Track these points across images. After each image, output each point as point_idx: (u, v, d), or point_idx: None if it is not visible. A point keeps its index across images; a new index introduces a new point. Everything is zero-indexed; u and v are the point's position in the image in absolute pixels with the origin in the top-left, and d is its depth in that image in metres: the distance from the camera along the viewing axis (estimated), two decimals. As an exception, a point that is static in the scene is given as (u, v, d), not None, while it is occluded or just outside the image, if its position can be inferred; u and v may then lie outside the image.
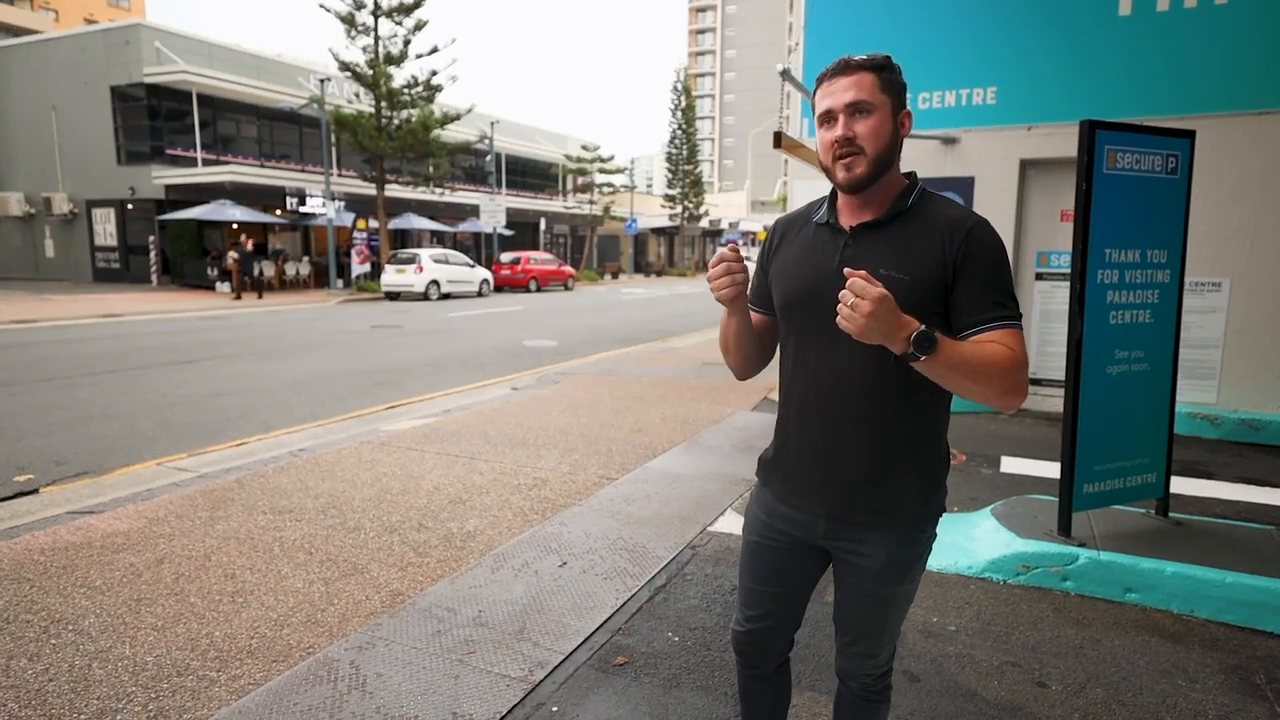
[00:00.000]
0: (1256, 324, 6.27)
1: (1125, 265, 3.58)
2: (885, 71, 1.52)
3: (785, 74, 5.01)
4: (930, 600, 3.30)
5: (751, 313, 1.78)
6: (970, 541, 3.78)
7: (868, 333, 1.35)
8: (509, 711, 2.42)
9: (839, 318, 1.37)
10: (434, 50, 24.54)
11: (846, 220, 1.61)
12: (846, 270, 1.38)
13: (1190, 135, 3.68)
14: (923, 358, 1.36)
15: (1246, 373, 6.33)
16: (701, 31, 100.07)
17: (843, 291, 1.36)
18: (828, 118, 1.53)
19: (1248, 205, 6.20)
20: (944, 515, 1.71)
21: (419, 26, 24.25)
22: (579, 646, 2.83)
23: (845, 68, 1.51)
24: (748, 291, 1.73)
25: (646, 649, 2.85)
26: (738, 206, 64.33)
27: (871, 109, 1.50)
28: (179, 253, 25.05)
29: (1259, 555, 3.40)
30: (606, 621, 3.03)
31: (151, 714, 2.36)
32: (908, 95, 1.58)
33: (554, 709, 2.45)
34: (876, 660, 1.73)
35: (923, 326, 1.36)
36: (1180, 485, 4.78)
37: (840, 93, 1.50)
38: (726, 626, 3.02)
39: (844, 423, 1.57)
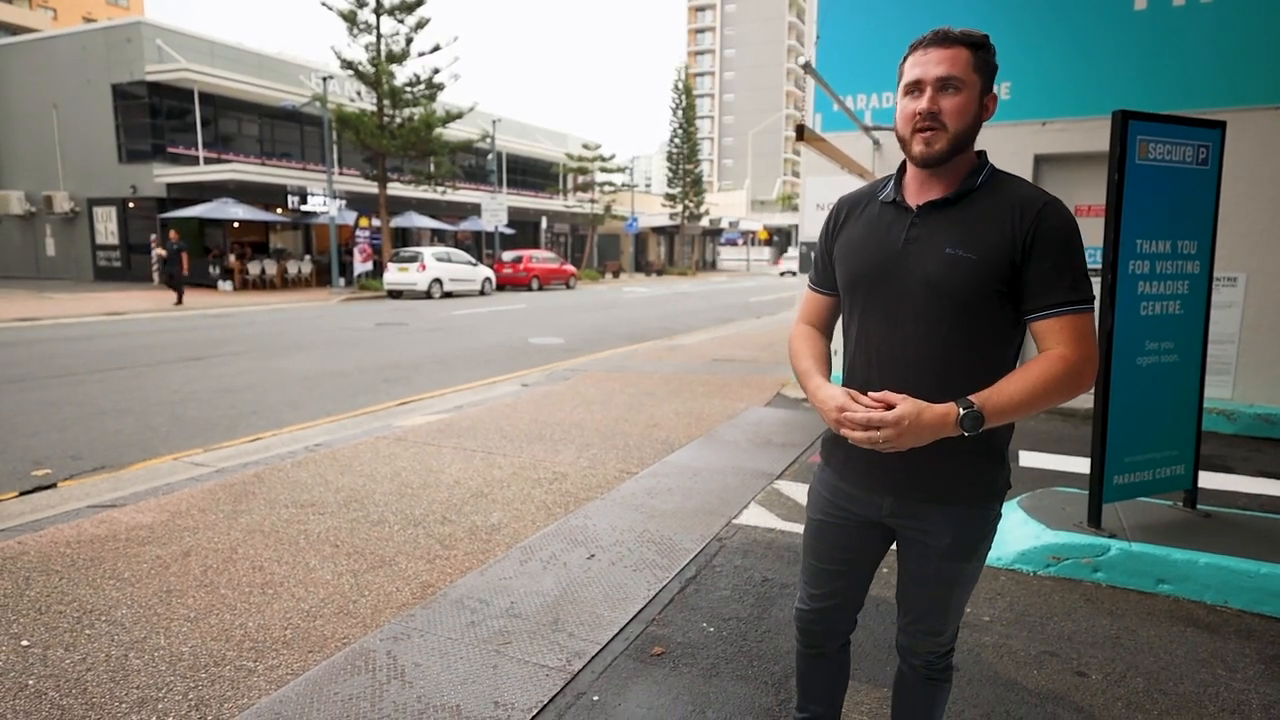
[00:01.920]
0: (1271, 319, 6.27)
1: (1156, 256, 3.56)
2: (981, 51, 1.50)
3: (806, 67, 5.00)
4: (962, 591, 3.28)
5: (814, 293, 1.77)
6: (998, 533, 3.74)
7: (911, 444, 1.43)
8: (550, 701, 2.40)
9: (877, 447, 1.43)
10: (436, 48, 24.51)
11: (913, 198, 1.59)
12: (845, 415, 1.45)
13: (1221, 126, 3.66)
14: (979, 431, 1.42)
15: (1262, 368, 6.33)
16: (701, 31, 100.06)
17: (852, 432, 1.44)
18: (915, 88, 1.51)
19: (1263, 200, 6.20)
20: None
21: (421, 25, 24.22)
22: (615, 637, 2.81)
23: (943, 40, 1.49)
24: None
25: (683, 639, 2.83)
26: (738, 206, 64.41)
27: (961, 86, 1.48)
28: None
29: (1290, 547, 3.38)
30: (640, 613, 3.01)
31: (193, 703, 2.33)
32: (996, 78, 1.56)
33: (595, 698, 2.43)
34: (941, 639, 1.71)
35: (963, 411, 1.41)
36: (1201, 479, 4.77)
37: (932, 65, 1.48)
38: (760, 617, 3.01)
39: None
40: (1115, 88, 6.50)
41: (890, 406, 1.43)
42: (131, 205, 25.78)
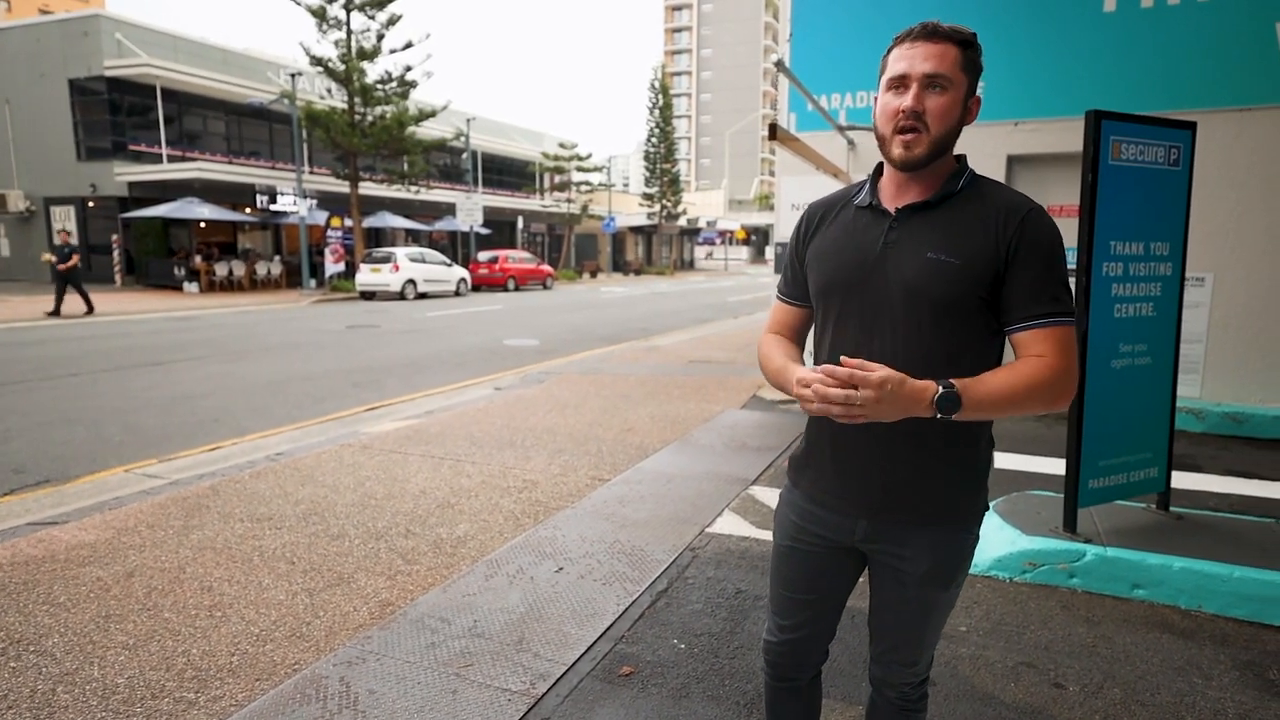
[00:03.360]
0: (1238, 318, 6.31)
1: (1129, 258, 3.52)
2: (970, 49, 1.42)
3: (779, 65, 4.92)
4: (938, 601, 3.22)
5: (783, 304, 1.67)
6: (973, 539, 3.70)
7: (883, 416, 1.29)
8: (511, 728, 2.29)
9: (838, 418, 1.30)
10: (408, 45, 24.21)
11: (890, 201, 1.50)
12: (825, 369, 1.30)
13: (1191, 127, 3.63)
14: (953, 416, 1.31)
15: (1229, 366, 6.37)
16: (678, 30, 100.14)
17: (827, 389, 1.28)
18: (900, 83, 1.41)
19: (1229, 201, 6.23)
20: None
21: (392, 21, 23.91)
22: (582, 656, 2.70)
23: (932, 34, 1.40)
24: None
25: (652, 658, 2.72)
26: (715, 205, 64.50)
27: (947, 86, 1.39)
28: (144, 252, 24.43)
29: (1262, 549, 3.36)
30: (609, 629, 2.90)
31: (126, 740, 2.19)
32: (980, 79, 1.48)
33: (559, 725, 2.32)
34: (916, 668, 1.62)
35: (942, 389, 1.30)
36: (1172, 480, 4.76)
37: (919, 60, 1.39)
38: (733, 632, 2.92)
39: None
40: (1086, 89, 6.51)
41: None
42: (91, 205, 25.17)
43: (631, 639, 2.85)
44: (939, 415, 1.30)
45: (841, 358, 1.31)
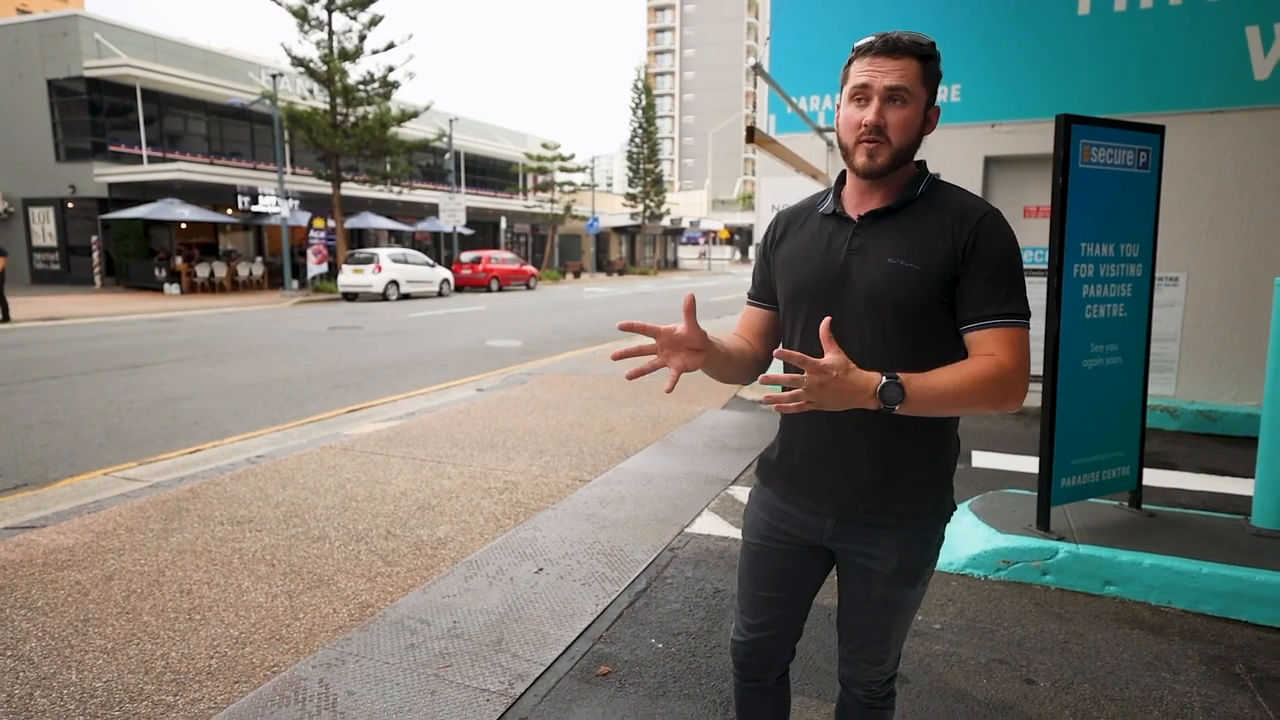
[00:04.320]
0: (1211, 317, 6.41)
1: (1100, 259, 3.59)
2: (931, 62, 1.44)
3: (757, 68, 4.96)
4: (913, 598, 3.26)
5: (753, 308, 1.70)
6: (950, 537, 3.74)
7: (827, 404, 1.30)
8: (490, 728, 2.31)
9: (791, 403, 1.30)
10: (390, 46, 24.11)
11: (854, 209, 1.53)
12: (777, 352, 1.32)
13: (1160, 130, 3.71)
14: (895, 409, 1.31)
15: (1202, 365, 6.47)
16: (660, 30, 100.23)
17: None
18: (861, 95, 1.44)
19: (1201, 202, 6.34)
20: None
21: (374, 21, 23.80)
22: (560, 656, 2.72)
23: (893, 48, 1.41)
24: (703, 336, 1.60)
25: (630, 657, 2.75)
26: (698, 205, 64.64)
27: (908, 99, 1.41)
28: (124, 253, 24.19)
29: (1232, 545, 3.43)
30: (587, 629, 2.92)
31: (103, 745, 2.19)
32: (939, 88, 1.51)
33: (537, 724, 2.35)
34: (883, 666, 1.66)
35: (884, 380, 1.30)
36: (1145, 477, 4.84)
37: (880, 75, 1.41)
38: (711, 631, 2.95)
39: (854, 419, 1.48)
40: (1061, 91, 6.60)
41: None
42: (70, 206, 24.90)
43: (610, 639, 2.88)
44: (883, 406, 1.31)
45: (777, 352, 1.33)
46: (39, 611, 2.98)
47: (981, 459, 5.38)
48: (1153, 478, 4.88)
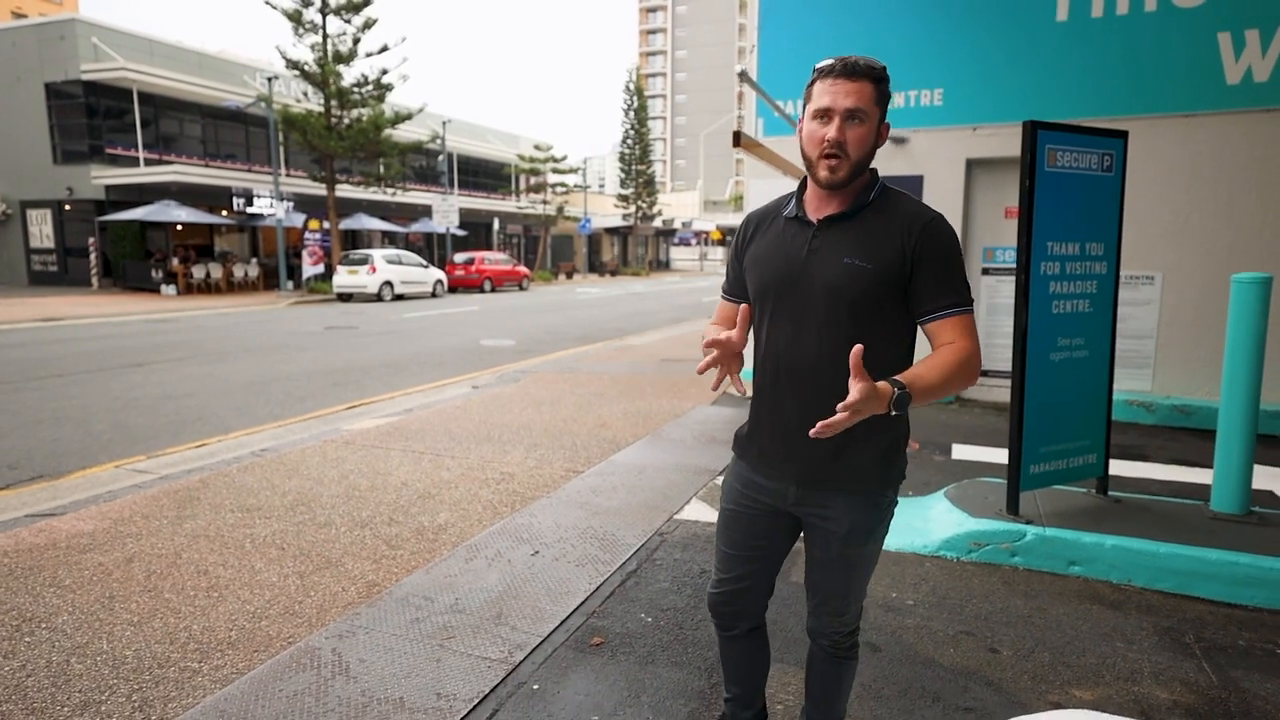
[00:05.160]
0: (1186, 315, 6.61)
1: (1066, 258, 3.79)
2: (883, 84, 1.64)
3: (743, 76, 5.16)
4: (889, 577, 3.46)
5: (725, 302, 1.92)
6: (926, 523, 3.96)
7: (861, 417, 1.48)
8: (491, 691, 2.50)
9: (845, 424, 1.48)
10: (384, 49, 24.27)
11: (814, 213, 1.74)
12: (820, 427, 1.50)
13: (1123, 135, 3.92)
14: (905, 411, 1.54)
15: (1178, 361, 6.67)
16: (652, 32, 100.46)
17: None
18: (824, 114, 1.63)
19: (1177, 203, 6.54)
20: (900, 500, 1.86)
21: (368, 25, 23.96)
22: (556, 629, 2.92)
23: (851, 71, 1.61)
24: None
25: (621, 630, 2.94)
26: (691, 206, 64.86)
27: (865, 119, 1.62)
28: (121, 255, 24.30)
29: (1190, 527, 3.63)
30: (581, 605, 3.12)
31: (136, 704, 2.38)
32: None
33: (535, 687, 2.54)
34: (844, 619, 1.86)
35: (897, 391, 1.50)
36: (1119, 468, 5.04)
37: (841, 96, 1.61)
38: (697, 607, 3.14)
39: (811, 399, 1.69)
40: (1041, 95, 6.80)
41: None
42: (68, 208, 25.00)
43: (602, 614, 3.07)
44: (894, 412, 1.50)
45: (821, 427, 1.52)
46: (67, 589, 3.16)
47: (961, 451, 5.58)
48: (1127, 469, 5.09)
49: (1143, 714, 2.46)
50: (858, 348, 1.47)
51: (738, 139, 5.17)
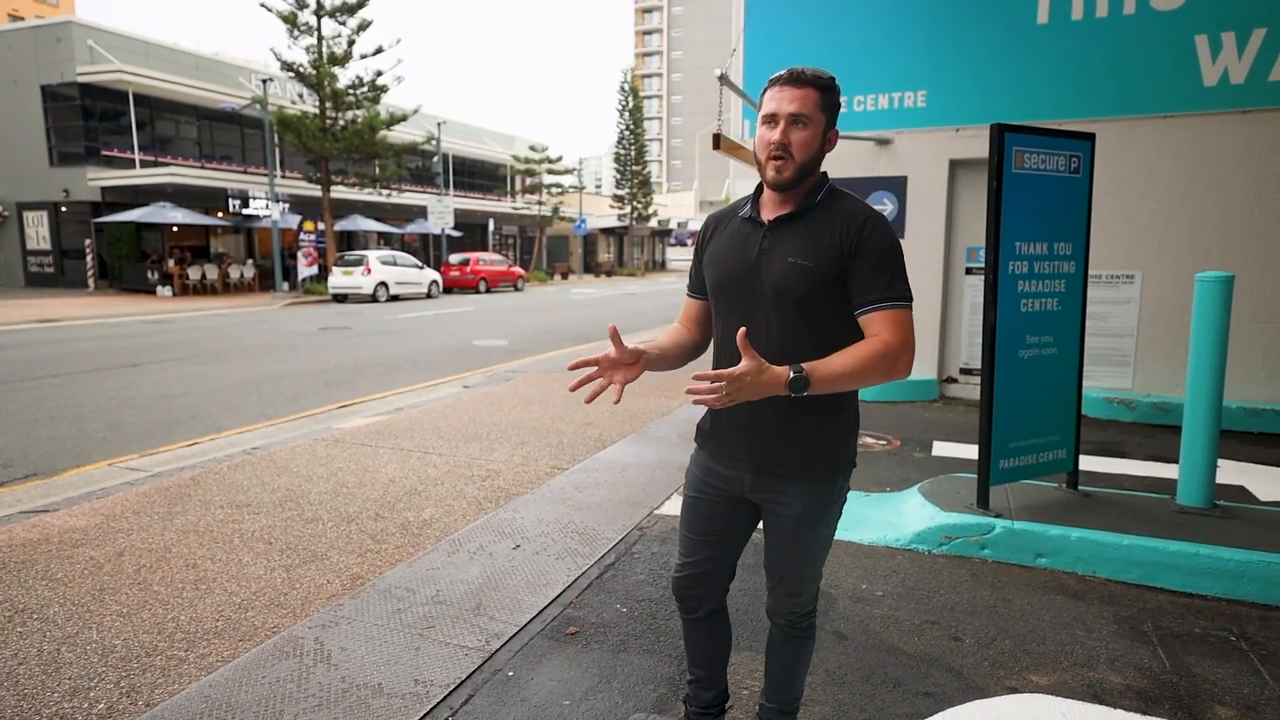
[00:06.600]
0: (1165, 314, 6.71)
1: (1034, 257, 3.89)
2: (828, 92, 1.74)
3: (724, 78, 5.25)
4: (860, 570, 3.56)
5: (690, 299, 2.02)
6: (899, 517, 4.05)
7: (749, 398, 1.61)
8: (468, 677, 2.59)
9: (715, 405, 1.59)
10: (379, 50, 24.35)
11: (767, 214, 1.84)
12: (697, 374, 1.60)
13: (1090, 138, 4.01)
14: (804, 394, 1.62)
15: (1157, 359, 6.77)
16: (648, 32, 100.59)
17: (697, 384, 1.59)
18: (771, 120, 1.74)
19: (1156, 203, 6.64)
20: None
21: (363, 26, 24.05)
22: (533, 619, 3.01)
23: (796, 80, 1.72)
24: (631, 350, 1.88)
25: (596, 619, 3.04)
26: (686, 206, 64.92)
27: (808, 123, 1.72)
28: (117, 256, 24.37)
29: (1155, 520, 3.73)
30: (559, 596, 3.21)
31: (124, 690, 2.47)
32: (839, 115, 1.81)
33: (510, 674, 2.63)
34: (800, 599, 1.96)
35: (792, 374, 1.60)
36: (1096, 464, 5.15)
37: (786, 102, 1.71)
38: (671, 598, 3.23)
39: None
40: (1021, 96, 6.90)
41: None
42: (64, 209, 25.06)
43: (579, 605, 3.16)
44: (792, 394, 1.62)
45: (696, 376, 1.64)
46: (59, 582, 3.25)
47: (941, 448, 5.68)
48: (1105, 465, 5.19)
49: (1095, 698, 2.56)
50: (742, 330, 1.58)
51: (717, 141, 5.26)
